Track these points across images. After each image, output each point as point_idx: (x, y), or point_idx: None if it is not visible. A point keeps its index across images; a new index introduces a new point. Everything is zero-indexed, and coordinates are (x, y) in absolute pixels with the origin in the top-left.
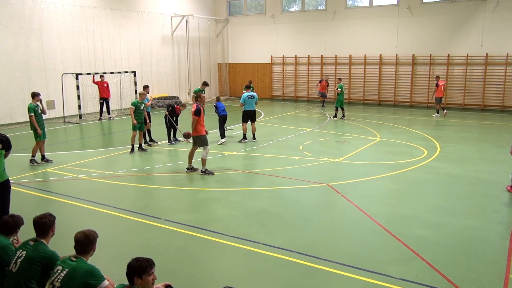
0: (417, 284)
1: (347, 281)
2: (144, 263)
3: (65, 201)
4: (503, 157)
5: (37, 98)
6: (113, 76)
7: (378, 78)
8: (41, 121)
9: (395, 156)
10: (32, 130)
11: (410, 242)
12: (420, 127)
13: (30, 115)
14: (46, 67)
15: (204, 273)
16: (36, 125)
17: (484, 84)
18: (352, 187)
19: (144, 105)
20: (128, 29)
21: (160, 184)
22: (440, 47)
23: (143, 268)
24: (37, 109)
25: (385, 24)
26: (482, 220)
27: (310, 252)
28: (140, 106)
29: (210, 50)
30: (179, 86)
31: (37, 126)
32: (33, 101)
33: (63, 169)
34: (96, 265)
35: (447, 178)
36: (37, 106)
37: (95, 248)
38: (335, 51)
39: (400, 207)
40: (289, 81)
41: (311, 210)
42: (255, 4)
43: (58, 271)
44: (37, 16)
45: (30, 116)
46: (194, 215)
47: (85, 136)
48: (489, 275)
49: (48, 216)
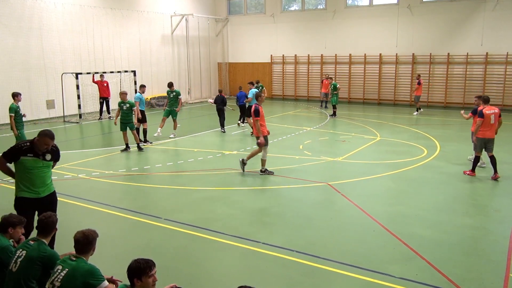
0: (417, 283)
1: (347, 280)
2: (143, 265)
3: (65, 201)
4: (502, 155)
5: (19, 98)
6: (113, 76)
7: (378, 77)
8: (21, 122)
9: (395, 155)
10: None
11: (410, 241)
12: (420, 126)
13: (11, 115)
14: (46, 67)
15: (204, 272)
16: (13, 126)
17: (484, 83)
18: (352, 186)
19: (128, 105)
20: (128, 29)
21: (160, 183)
22: (440, 46)
23: (142, 269)
24: (18, 110)
25: (385, 23)
26: (482, 219)
27: (310, 252)
28: (123, 106)
29: (210, 50)
30: (179, 85)
31: (14, 127)
32: (15, 101)
33: (63, 169)
34: (96, 264)
35: (447, 177)
36: (19, 107)
37: (95, 248)
38: (335, 50)
39: (400, 206)
40: (289, 81)
41: (311, 210)
42: (255, 4)
43: (58, 270)
44: (37, 15)
45: (10, 116)
46: (194, 215)
47: (85, 136)
48: (489, 274)
49: (54, 216)
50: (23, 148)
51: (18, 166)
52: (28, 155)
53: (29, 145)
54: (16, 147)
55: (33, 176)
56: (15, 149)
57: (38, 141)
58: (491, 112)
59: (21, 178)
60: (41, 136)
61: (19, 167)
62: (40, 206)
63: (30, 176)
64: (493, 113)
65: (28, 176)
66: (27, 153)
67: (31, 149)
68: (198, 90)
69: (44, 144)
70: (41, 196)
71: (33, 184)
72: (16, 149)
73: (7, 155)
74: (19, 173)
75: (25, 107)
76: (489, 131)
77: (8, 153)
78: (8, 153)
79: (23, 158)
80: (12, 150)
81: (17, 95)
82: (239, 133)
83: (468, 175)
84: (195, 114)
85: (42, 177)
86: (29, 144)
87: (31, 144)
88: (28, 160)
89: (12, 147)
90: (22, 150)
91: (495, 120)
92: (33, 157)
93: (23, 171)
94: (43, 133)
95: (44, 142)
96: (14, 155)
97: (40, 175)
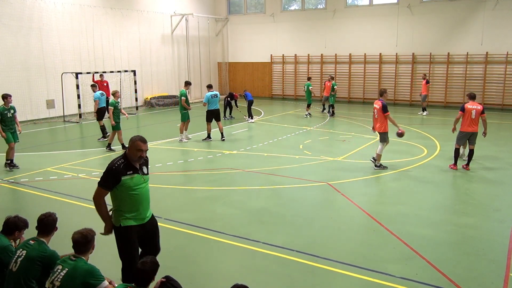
0: (417, 282)
1: (347, 280)
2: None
3: (65, 200)
4: (502, 155)
5: (10, 100)
6: (113, 75)
7: (378, 77)
8: (10, 125)
9: (395, 154)
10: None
11: (410, 240)
12: (420, 125)
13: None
14: (45, 66)
15: (204, 272)
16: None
17: (484, 82)
18: (352, 185)
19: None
20: (128, 28)
21: (160, 183)
22: (440, 46)
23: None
24: (6, 112)
25: (385, 22)
26: (482, 219)
27: (310, 251)
28: (118, 105)
29: (210, 49)
30: (179, 85)
31: (1, 130)
32: (5, 103)
33: (63, 168)
34: (96, 264)
35: (447, 176)
36: (7, 109)
37: (94, 246)
38: (335, 49)
39: (400, 206)
40: (289, 80)
41: (311, 209)
42: (255, 3)
43: (58, 270)
44: (37, 15)
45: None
46: (194, 214)
47: (85, 135)
48: (489, 274)
49: (53, 215)
50: (121, 166)
51: (118, 191)
52: (128, 173)
53: (124, 161)
54: (113, 167)
55: (138, 198)
56: (112, 170)
57: (130, 151)
58: (473, 107)
59: (123, 204)
60: (132, 142)
61: (120, 191)
62: (144, 234)
63: (134, 199)
64: (475, 109)
65: (132, 199)
66: (127, 170)
67: (128, 165)
68: (198, 90)
69: (137, 151)
70: (146, 222)
71: (138, 208)
72: (113, 170)
73: (106, 182)
74: (119, 199)
75: (25, 107)
76: (471, 125)
77: (106, 179)
78: (105, 179)
79: (124, 179)
80: (110, 173)
81: (6, 97)
82: (239, 133)
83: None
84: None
85: (147, 198)
86: (123, 160)
87: (125, 159)
88: (129, 179)
89: (108, 171)
90: (121, 169)
91: (476, 115)
92: (132, 174)
93: (125, 194)
94: (133, 138)
95: (136, 147)
96: (114, 178)
97: (145, 196)
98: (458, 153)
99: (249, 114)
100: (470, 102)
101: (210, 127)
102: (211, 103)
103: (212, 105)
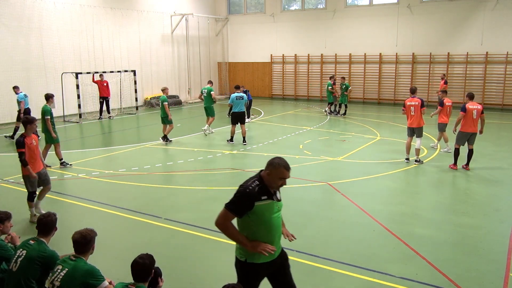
0: (417, 282)
1: (347, 280)
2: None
3: (65, 200)
4: (503, 155)
5: (52, 100)
6: (113, 75)
7: (378, 77)
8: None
9: (395, 154)
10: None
11: (410, 240)
12: None
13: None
14: (45, 66)
15: (204, 272)
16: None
17: (484, 82)
18: (352, 185)
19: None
20: (128, 28)
21: (160, 183)
22: (440, 46)
23: None
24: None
25: (385, 22)
26: (482, 219)
27: (310, 251)
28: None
29: (210, 49)
30: (179, 85)
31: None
32: (49, 102)
33: (63, 168)
34: (96, 264)
35: (447, 176)
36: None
37: (94, 247)
38: (335, 49)
39: (400, 206)
40: (289, 80)
41: (311, 209)
42: (255, 3)
43: (58, 270)
44: (37, 15)
45: None
46: (194, 214)
47: (85, 135)
48: (489, 274)
49: (53, 215)
50: (256, 190)
51: (249, 218)
52: (263, 198)
53: (260, 184)
54: (246, 190)
55: (272, 229)
56: (246, 194)
57: (270, 176)
58: (474, 107)
59: (252, 235)
60: (273, 168)
61: (250, 220)
62: (275, 271)
63: (267, 230)
64: (476, 109)
65: (263, 230)
66: (261, 195)
67: (264, 189)
68: (198, 90)
69: (279, 179)
70: (275, 257)
71: (272, 241)
72: (247, 193)
73: (236, 206)
74: (247, 229)
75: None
76: (471, 126)
77: (237, 203)
78: (237, 203)
79: (258, 205)
80: (243, 196)
81: (51, 96)
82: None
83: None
84: (195, 113)
85: (279, 229)
86: (258, 182)
87: (261, 182)
88: (264, 205)
89: (241, 193)
90: (255, 193)
91: (477, 116)
92: (267, 200)
93: (257, 223)
94: (277, 163)
95: (279, 175)
96: (248, 202)
97: (279, 226)
98: (458, 153)
99: (248, 113)
100: (470, 102)
101: (234, 130)
102: (235, 105)
103: (236, 107)
